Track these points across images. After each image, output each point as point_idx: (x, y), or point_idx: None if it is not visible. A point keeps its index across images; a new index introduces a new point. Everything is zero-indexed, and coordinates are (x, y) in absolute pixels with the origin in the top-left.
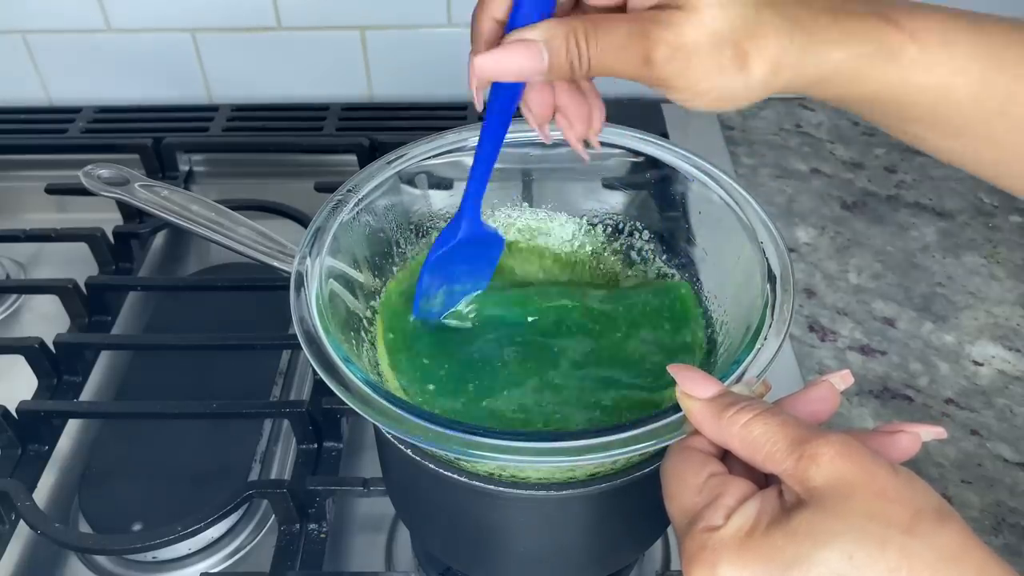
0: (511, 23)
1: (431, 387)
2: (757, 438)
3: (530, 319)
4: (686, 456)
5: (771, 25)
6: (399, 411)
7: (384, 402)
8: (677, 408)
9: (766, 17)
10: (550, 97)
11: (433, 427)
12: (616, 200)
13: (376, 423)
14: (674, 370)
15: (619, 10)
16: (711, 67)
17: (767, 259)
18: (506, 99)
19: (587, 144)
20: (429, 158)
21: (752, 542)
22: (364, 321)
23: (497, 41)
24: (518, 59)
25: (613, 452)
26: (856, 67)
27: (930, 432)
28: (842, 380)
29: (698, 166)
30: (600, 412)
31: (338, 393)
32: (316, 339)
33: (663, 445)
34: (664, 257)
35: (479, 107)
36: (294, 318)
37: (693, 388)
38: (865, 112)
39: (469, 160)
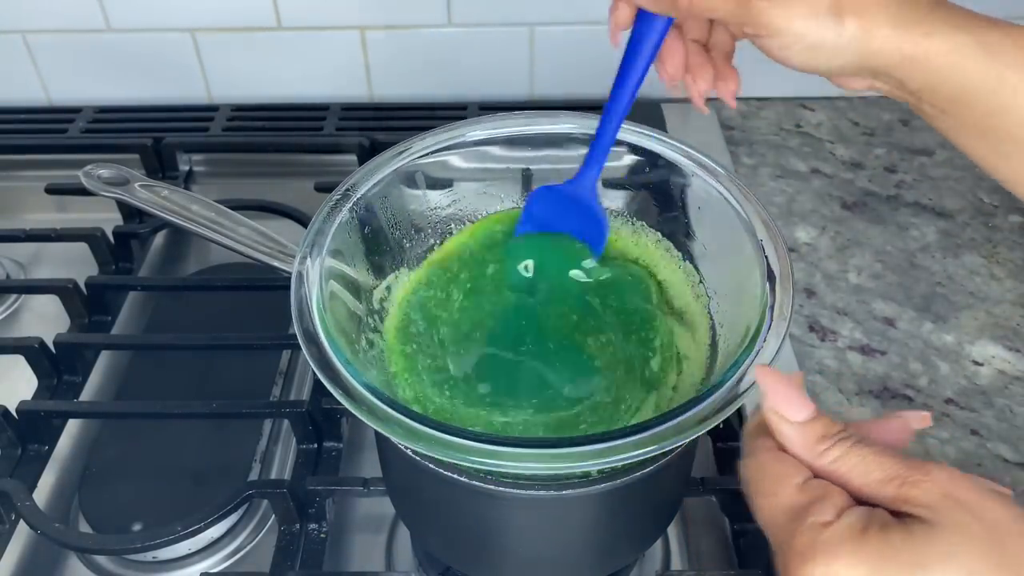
0: None
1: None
2: (853, 467)
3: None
4: (782, 457)
5: None
6: (399, 416)
7: (386, 408)
8: (683, 409)
9: None
10: (682, 53)
11: (441, 435)
12: (616, 199)
13: (378, 429)
14: (763, 379)
15: None
16: (807, 11)
17: (766, 257)
18: (645, 50)
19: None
20: (434, 152)
21: (870, 538)
22: (364, 321)
23: None
24: None
25: (621, 456)
26: (952, 57)
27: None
28: (921, 421)
29: (697, 160)
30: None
31: (339, 398)
32: (316, 341)
33: (674, 447)
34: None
35: (615, 44)
36: (295, 321)
37: (786, 409)
38: (951, 117)
39: (469, 158)
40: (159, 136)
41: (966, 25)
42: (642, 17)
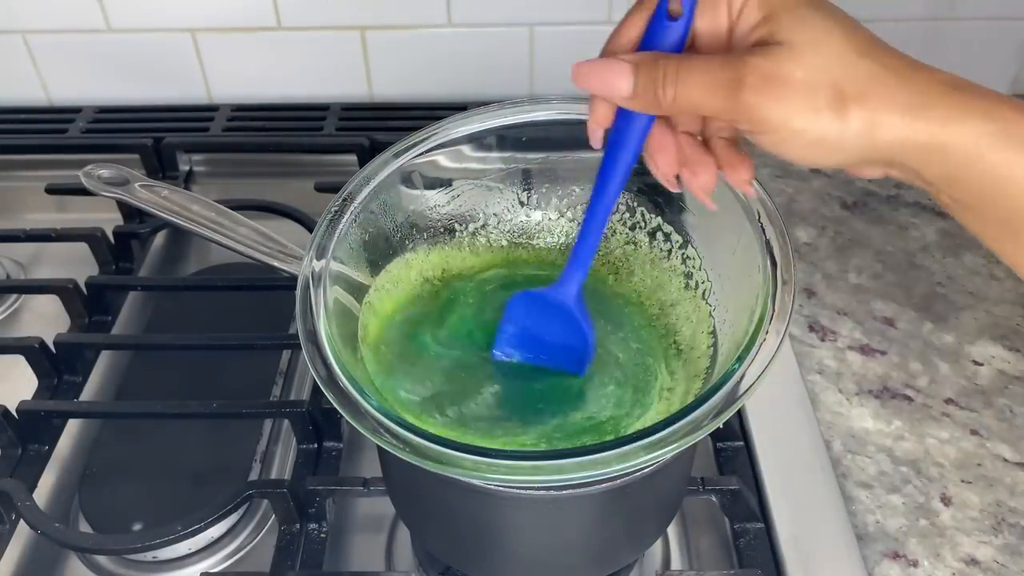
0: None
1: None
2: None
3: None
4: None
5: (877, 77)
6: (407, 434)
7: (391, 423)
8: (689, 410)
9: (871, 67)
10: (672, 146)
11: (435, 447)
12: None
13: (380, 444)
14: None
15: None
16: (805, 105)
17: (767, 240)
18: (626, 150)
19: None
20: (432, 150)
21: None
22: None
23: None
24: (607, 75)
25: (624, 465)
26: (976, 147)
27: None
28: None
29: None
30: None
31: (337, 406)
32: (318, 344)
33: (680, 449)
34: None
35: (596, 146)
36: (299, 325)
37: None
38: (971, 210)
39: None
40: (159, 136)
41: (993, 112)
42: (623, 113)
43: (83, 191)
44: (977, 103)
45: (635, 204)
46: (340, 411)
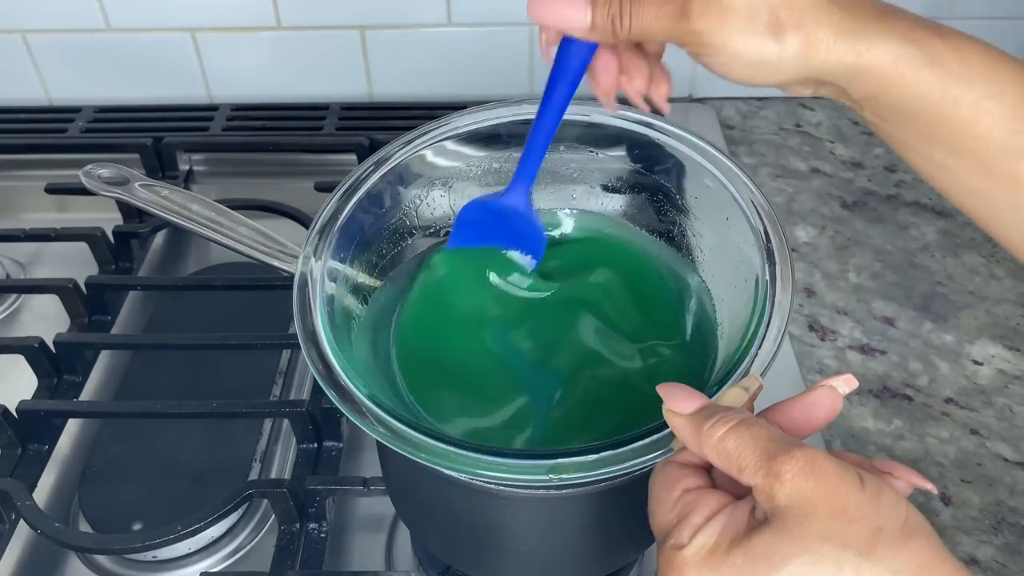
0: None
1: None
2: (731, 451)
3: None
4: (665, 472)
5: (812, 3)
6: (407, 429)
7: (391, 419)
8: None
9: None
10: (615, 66)
11: (437, 444)
12: (615, 202)
13: (380, 440)
14: (661, 389)
15: None
16: (746, 29)
17: (765, 242)
18: (574, 67)
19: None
20: (427, 147)
21: (713, 561)
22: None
23: None
24: (565, 10)
25: (623, 465)
26: (896, 67)
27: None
28: (845, 384)
29: (695, 147)
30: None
31: (336, 402)
32: (317, 342)
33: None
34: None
35: (547, 61)
36: (296, 322)
37: (676, 404)
38: (893, 126)
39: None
40: (159, 136)
41: (912, 35)
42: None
43: (83, 191)
44: (898, 26)
45: None
46: (340, 408)
